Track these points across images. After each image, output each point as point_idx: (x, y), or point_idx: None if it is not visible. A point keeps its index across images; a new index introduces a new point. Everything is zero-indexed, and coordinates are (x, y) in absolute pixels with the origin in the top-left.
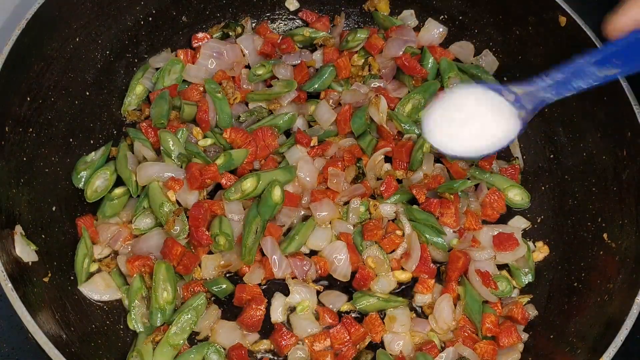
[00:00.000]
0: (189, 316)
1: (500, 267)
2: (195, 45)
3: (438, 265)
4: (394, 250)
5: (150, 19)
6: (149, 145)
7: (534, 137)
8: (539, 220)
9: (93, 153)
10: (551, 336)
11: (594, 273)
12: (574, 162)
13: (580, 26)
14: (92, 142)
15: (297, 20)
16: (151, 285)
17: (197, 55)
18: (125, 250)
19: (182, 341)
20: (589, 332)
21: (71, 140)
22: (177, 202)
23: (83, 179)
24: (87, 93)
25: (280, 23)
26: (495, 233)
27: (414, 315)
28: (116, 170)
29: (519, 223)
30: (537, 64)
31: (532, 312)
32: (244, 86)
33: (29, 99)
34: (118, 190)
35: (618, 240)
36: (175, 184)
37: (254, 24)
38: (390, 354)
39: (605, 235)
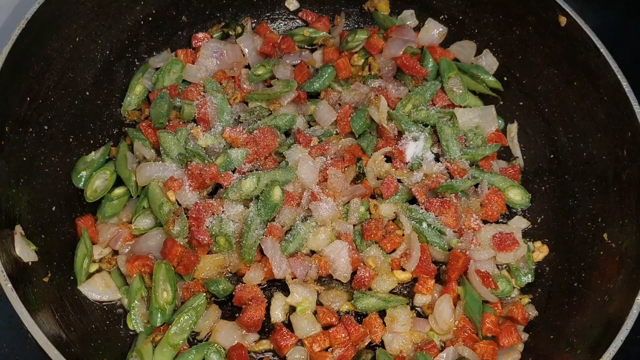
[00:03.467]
0: (189, 316)
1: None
2: (195, 45)
3: (438, 265)
4: (394, 250)
5: (150, 19)
6: (149, 145)
7: (534, 137)
8: (539, 220)
9: (93, 153)
10: (551, 336)
11: (594, 273)
12: (574, 162)
13: (580, 26)
14: (92, 142)
15: (297, 20)
16: (151, 286)
17: (197, 55)
18: (125, 250)
19: (181, 341)
20: (589, 332)
21: (71, 140)
22: (177, 202)
23: (83, 179)
24: (87, 93)
25: (280, 23)
26: (495, 233)
27: (414, 314)
28: (116, 170)
29: (519, 223)
30: (537, 63)
31: (532, 312)
32: (244, 86)
33: (28, 98)
34: (118, 191)
35: (618, 240)
36: (174, 184)
37: (254, 24)
38: (390, 354)
39: (605, 235)
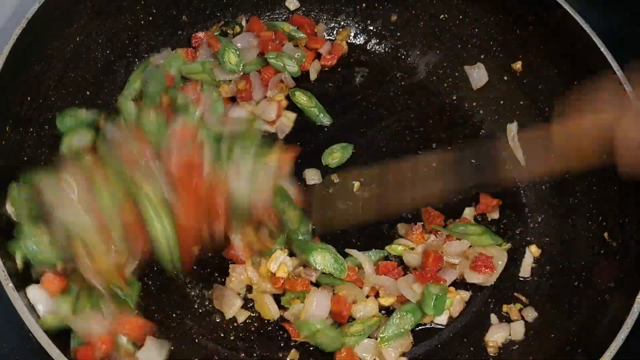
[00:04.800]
0: None
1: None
2: (195, 44)
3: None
4: None
5: (150, 18)
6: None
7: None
8: (539, 219)
9: (84, 110)
10: (552, 335)
11: (594, 272)
12: None
13: (581, 26)
14: None
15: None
16: None
17: (197, 55)
18: None
19: None
20: (590, 331)
21: None
22: None
23: (66, 123)
24: (88, 92)
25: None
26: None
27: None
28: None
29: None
30: (537, 63)
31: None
32: None
33: (29, 98)
34: None
35: (619, 239)
36: None
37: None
38: None
39: (606, 234)
